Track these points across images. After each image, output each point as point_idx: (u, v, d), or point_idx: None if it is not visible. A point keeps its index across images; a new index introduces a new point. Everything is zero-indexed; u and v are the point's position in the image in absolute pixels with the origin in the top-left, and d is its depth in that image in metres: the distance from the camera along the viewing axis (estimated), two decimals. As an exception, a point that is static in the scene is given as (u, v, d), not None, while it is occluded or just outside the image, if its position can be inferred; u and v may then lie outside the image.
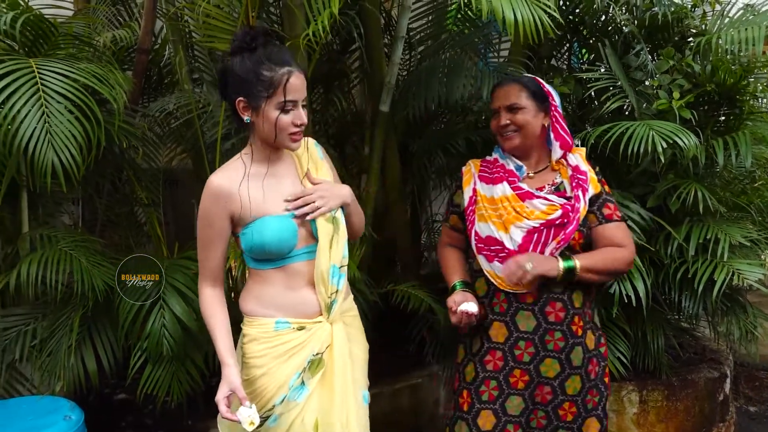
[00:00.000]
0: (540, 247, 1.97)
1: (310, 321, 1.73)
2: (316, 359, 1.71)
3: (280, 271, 1.71)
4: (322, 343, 1.72)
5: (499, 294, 2.04)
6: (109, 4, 3.37)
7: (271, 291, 1.73)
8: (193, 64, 3.18)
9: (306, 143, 1.82)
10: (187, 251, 2.67)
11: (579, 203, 1.99)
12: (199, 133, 2.89)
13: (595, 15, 3.08)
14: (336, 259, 1.74)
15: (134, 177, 2.96)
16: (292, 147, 1.71)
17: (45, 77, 2.23)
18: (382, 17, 3.30)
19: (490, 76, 2.94)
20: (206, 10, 2.59)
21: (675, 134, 2.46)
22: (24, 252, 2.49)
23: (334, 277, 1.73)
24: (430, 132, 3.44)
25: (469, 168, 2.18)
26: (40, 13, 2.46)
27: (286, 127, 1.65)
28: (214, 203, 1.67)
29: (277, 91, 1.61)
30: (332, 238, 1.73)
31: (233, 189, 1.67)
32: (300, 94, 1.65)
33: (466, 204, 2.11)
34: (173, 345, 2.32)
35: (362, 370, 1.85)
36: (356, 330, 1.87)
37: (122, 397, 2.92)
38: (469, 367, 2.10)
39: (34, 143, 2.15)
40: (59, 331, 2.45)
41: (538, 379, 2.02)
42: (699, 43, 2.78)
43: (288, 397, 1.69)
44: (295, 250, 1.71)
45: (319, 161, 1.83)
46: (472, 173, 2.15)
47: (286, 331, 1.71)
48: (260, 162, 1.73)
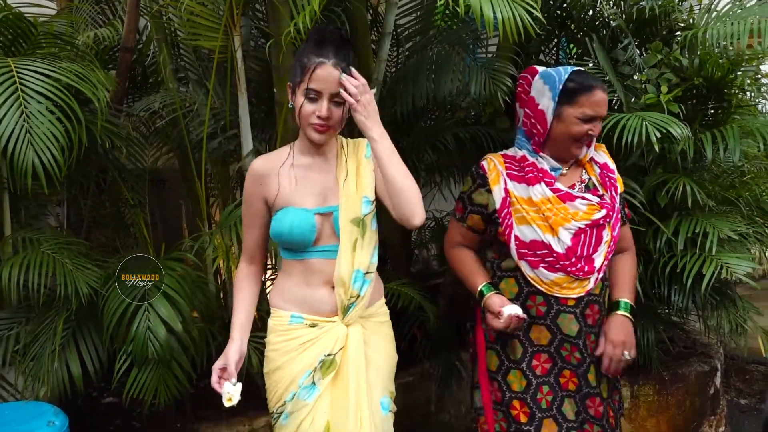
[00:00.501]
0: (587, 248, 1.92)
1: (324, 319, 1.73)
2: (327, 360, 1.70)
3: (300, 265, 1.74)
4: (334, 343, 1.71)
5: (535, 297, 1.95)
6: (93, 3, 3.32)
7: (290, 284, 1.77)
8: (178, 63, 3.14)
9: (356, 143, 1.82)
10: (173, 252, 2.63)
11: (615, 202, 1.96)
12: (184, 133, 2.86)
13: (583, 9, 3.07)
14: (361, 264, 1.71)
15: (119, 177, 2.92)
16: (314, 138, 1.71)
17: (24, 77, 2.18)
18: (368, 13, 3.27)
19: (478, 71, 2.91)
20: (190, 8, 2.56)
21: (667, 125, 2.45)
22: (6, 255, 2.44)
23: (357, 282, 1.70)
24: (418, 129, 3.42)
25: (494, 164, 2.01)
26: (20, 12, 2.42)
27: (307, 116, 1.67)
28: (252, 184, 1.76)
29: (304, 78, 1.65)
30: (356, 241, 1.70)
31: (271, 173, 1.74)
32: (325, 85, 1.64)
33: (499, 206, 1.96)
34: (159, 348, 2.28)
35: (382, 376, 1.79)
36: (380, 337, 1.82)
37: (110, 401, 2.89)
38: (514, 374, 1.98)
39: (13, 144, 2.11)
40: (43, 335, 2.41)
41: (586, 387, 1.96)
42: (686, 37, 2.77)
43: (297, 395, 1.70)
44: (315, 246, 1.71)
45: (364, 159, 1.79)
46: (500, 171, 1.99)
47: (299, 326, 1.74)
48: (302, 152, 1.78)
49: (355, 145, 1.83)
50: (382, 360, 1.80)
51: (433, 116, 3.60)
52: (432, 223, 3.71)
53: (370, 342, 1.76)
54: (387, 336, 1.85)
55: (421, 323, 3.13)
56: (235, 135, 2.86)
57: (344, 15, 2.91)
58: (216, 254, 2.61)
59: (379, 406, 1.74)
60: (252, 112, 2.77)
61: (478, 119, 3.36)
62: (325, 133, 1.71)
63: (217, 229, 2.65)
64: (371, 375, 1.74)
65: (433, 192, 3.67)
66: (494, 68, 2.90)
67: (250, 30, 3.06)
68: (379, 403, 1.74)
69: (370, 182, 1.76)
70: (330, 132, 1.72)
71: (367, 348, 1.75)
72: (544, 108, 1.93)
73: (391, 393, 1.81)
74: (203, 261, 2.78)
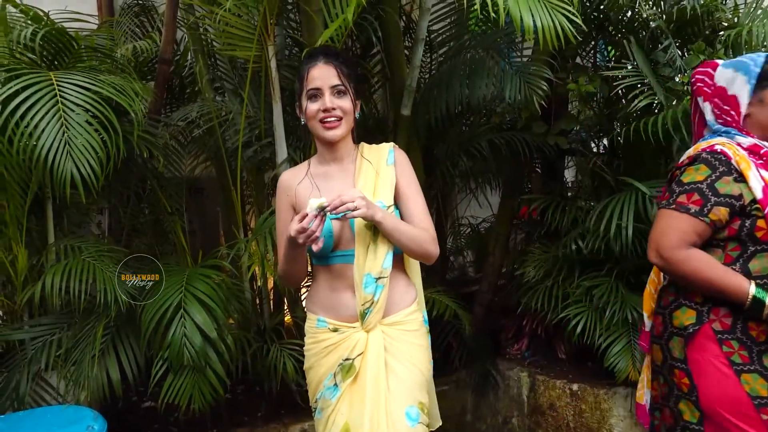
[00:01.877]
0: None
1: (346, 324, 1.75)
2: (346, 364, 1.72)
3: (325, 271, 1.78)
4: (352, 349, 1.72)
5: None
6: (132, 16, 3.41)
7: (317, 289, 1.82)
8: (215, 73, 3.19)
9: (378, 149, 1.84)
10: (209, 260, 2.67)
11: None
12: (220, 141, 2.90)
13: (621, 11, 3.00)
14: (372, 269, 1.70)
15: (158, 186, 2.98)
16: (326, 136, 1.74)
17: (64, 89, 2.25)
18: (401, 20, 3.26)
19: (513, 76, 2.87)
20: (225, 18, 2.60)
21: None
22: (50, 263, 2.52)
23: (368, 286, 1.70)
24: (452, 135, 3.39)
25: (735, 149, 1.76)
26: (62, 27, 2.50)
27: (313, 114, 1.73)
28: (279, 196, 1.84)
29: (303, 85, 1.74)
30: (369, 246, 1.71)
31: (293, 184, 1.82)
32: (322, 81, 1.71)
33: (762, 196, 1.69)
34: (194, 354, 2.31)
35: (406, 386, 1.73)
36: (407, 346, 1.76)
37: (149, 405, 2.94)
38: None
39: (53, 155, 2.17)
40: (83, 341, 2.47)
41: None
42: (730, 37, 2.67)
43: (323, 394, 1.76)
44: (337, 251, 1.74)
45: (385, 167, 1.79)
46: (747, 159, 1.75)
47: (323, 330, 1.78)
48: (319, 162, 1.84)
49: (376, 151, 1.84)
50: (405, 369, 1.74)
51: (467, 122, 3.56)
52: (467, 229, 3.67)
53: (392, 350, 1.73)
54: (415, 345, 1.79)
55: (456, 331, 3.09)
56: (269, 143, 2.89)
57: (377, 23, 2.91)
58: (251, 261, 2.64)
59: (403, 416, 1.69)
60: (286, 120, 2.79)
61: (514, 124, 3.31)
62: (335, 128, 1.73)
63: (252, 237, 2.67)
64: (392, 383, 1.71)
65: (468, 198, 3.64)
66: (529, 72, 2.86)
67: (284, 39, 3.09)
68: (402, 413, 1.68)
69: (389, 189, 1.77)
70: (341, 126, 1.74)
71: (388, 356, 1.72)
72: (736, 93, 1.81)
73: (420, 404, 1.74)
74: (239, 268, 2.81)
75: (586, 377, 3.04)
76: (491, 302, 3.62)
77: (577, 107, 3.22)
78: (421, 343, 1.82)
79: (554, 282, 3.07)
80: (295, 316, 3.04)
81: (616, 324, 2.81)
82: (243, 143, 2.82)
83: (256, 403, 2.90)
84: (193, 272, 2.54)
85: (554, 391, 3.03)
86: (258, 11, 2.60)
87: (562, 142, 3.14)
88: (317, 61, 1.74)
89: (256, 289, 3.04)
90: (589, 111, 3.19)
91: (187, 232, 3.09)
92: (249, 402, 2.96)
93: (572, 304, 2.95)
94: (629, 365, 2.74)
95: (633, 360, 2.75)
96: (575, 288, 3.00)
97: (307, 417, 2.74)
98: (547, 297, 3.03)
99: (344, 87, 1.72)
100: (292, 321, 3.04)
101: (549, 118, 3.17)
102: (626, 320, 2.79)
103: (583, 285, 2.96)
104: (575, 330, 2.85)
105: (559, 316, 2.94)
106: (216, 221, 3.67)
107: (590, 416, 2.93)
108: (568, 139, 3.21)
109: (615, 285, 2.88)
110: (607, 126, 3.13)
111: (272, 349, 2.70)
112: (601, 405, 2.89)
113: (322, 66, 1.72)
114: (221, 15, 2.54)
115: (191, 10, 3.03)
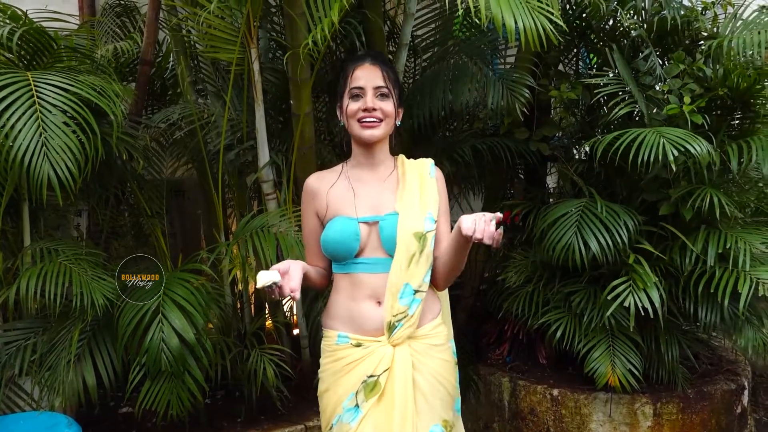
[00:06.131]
0: None
1: (370, 339, 1.67)
2: (371, 382, 1.63)
3: (346, 278, 1.72)
4: (378, 364, 1.63)
5: None
6: (114, 16, 3.37)
7: (338, 299, 1.74)
8: (197, 75, 3.17)
9: (420, 162, 1.81)
10: (189, 263, 2.64)
11: None
12: (201, 144, 2.87)
13: (603, 19, 3.02)
14: (413, 280, 1.65)
15: (137, 188, 2.95)
16: (363, 135, 1.70)
17: (41, 90, 2.21)
18: (386, 25, 3.26)
19: (495, 82, 2.89)
20: (208, 21, 2.58)
21: (686, 141, 2.39)
22: (25, 266, 2.47)
23: (405, 297, 1.64)
24: (436, 140, 3.40)
25: None
26: (40, 26, 2.46)
27: (354, 113, 1.70)
28: (305, 201, 1.80)
29: (346, 83, 1.72)
30: (413, 255, 1.65)
31: (321, 189, 1.77)
32: (366, 81, 1.69)
33: None
34: (172, 359, 2.27)
35: (431, 403, 1.67)
36: (433, 361, 1.70)
37: (126, 411, 2.90)
38: None
39: (29, 156, 2.13)
40: (59, 346, 2.42)
41: None
42: (710, 47, 2.71)
43: (341, 418, 1.64)
44: (360, 258, 1.68)
45: (428, 178, 1.76)
46: None
47: (344, 346, 1.69)
48: (355, 166, 1.80)
49: (418, 164, 1.80)
50: (430, 385, 1.67)
51: (450, 128, 3.57)
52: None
53: (418, 365, 1.66)
54: (441, 360, 1.72)
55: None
56: (252, 146, 2.87)
57: (361, 27, 2.90)
58: (232, 265, 2.61)
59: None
60: (269, 123, 2.77)
61: (496, 130, 3.33)
62: (373, 128, 1.69)
63: (233, 240, 2.65)
64: (418, 401, 1.64)
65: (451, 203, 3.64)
66: (512, 79, 2.88)
67: (267, 42, 3.07)
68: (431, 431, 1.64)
69: (434, 202, 1.72)
70: (379, 128, 1.70)
71: (414, 372, 1.65)
72: None
73: (444, 422, 1.68)
74: (219, 272, 2.78)
75: (567, 382, 3.05)
76: (473, 307, 3.62)
77: (559, 114, 3.25)
78: (448, 358, 1.76)
79: (535, 287, 3.08)
80: (276, 321, 3.02)
81: (594, 330, 2.83)
82: (225, 146, 2.79)
83: (236, 408, 2.87)
84: (173, 276, 2.51)
85: (535, 396, 3.04)
86: (241, 14, 2.58)
87: (544, 149, 3.16)
88: (364, 61, 1.72)
89: (237, 293, 3.01)
90: (571, 118, 3.22)
91: (167, 235, 3.06)
92: (228, 407, 2.92)
93: (552, 310, 2.96)
94: (608, 370, 2.76)
95: (612, 365, 2.77)
96: (555, 293, 3.02)
97: (287, 423, 2.72)
98: (528, 302, 3.04)
99: (388, 90, 1.69)
100: (273, 326, 3.02)
101: (531, 125, 3.19)
102: (604, 326, 2.81)
103: (562, 291, 2.98)
104: (555, 335, 2.86)
105: (540, 322, 2.95)
106: (197, 224, 3.63)
107: (570, 421, 2.94)
108: (550, 145, 3.24)
109: (593, 291, 2.90)
110: (589, 133, 3.16)
111: (252, 354, 2.68)
112: (581, 410, 2.91)
113: (368, 66, 1.70)
114: (204, 17, 2.52)
115: (174, 12, 3.00)
